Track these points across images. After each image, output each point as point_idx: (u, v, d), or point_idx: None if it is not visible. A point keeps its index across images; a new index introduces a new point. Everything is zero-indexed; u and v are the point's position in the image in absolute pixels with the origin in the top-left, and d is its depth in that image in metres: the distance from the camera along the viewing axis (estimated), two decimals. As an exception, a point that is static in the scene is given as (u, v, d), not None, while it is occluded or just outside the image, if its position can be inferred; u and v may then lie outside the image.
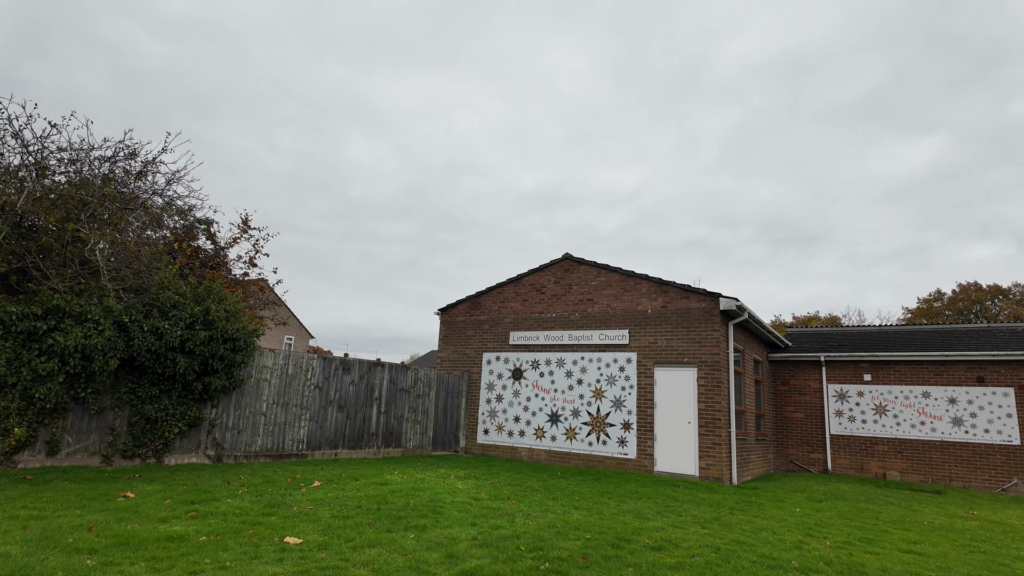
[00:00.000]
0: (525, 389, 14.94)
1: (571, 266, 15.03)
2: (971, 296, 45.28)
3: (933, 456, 14.83)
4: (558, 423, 14.26)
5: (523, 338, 15.23)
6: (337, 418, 12.58)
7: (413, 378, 14.41)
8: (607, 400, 13.70)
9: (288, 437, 11.64)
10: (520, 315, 15.50)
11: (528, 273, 15.64)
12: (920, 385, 15.28)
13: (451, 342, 16.57)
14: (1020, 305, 42.59)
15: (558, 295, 15.02)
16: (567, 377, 14.37)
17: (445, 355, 16.58)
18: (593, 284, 14.53)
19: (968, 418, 14.62)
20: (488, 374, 15.65)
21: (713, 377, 12.56)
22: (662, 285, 13.54)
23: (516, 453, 14.68)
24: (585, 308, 14.51)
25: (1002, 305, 43.44)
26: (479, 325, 16.15)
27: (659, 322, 13.40)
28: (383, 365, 13.70)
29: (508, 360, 15.38)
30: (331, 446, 12.41)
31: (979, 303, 43.74)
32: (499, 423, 15.16)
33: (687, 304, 13.13)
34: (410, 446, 14.14)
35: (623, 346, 13.75)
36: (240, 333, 10.34)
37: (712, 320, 12.79)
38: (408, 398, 14.22)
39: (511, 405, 15.06)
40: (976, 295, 44.89)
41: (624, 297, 14.01)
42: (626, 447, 13.23)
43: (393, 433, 13.78)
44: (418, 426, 14.42)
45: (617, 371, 13.70)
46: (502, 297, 15.94)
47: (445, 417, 15.31)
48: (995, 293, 44.41)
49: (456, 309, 16.74)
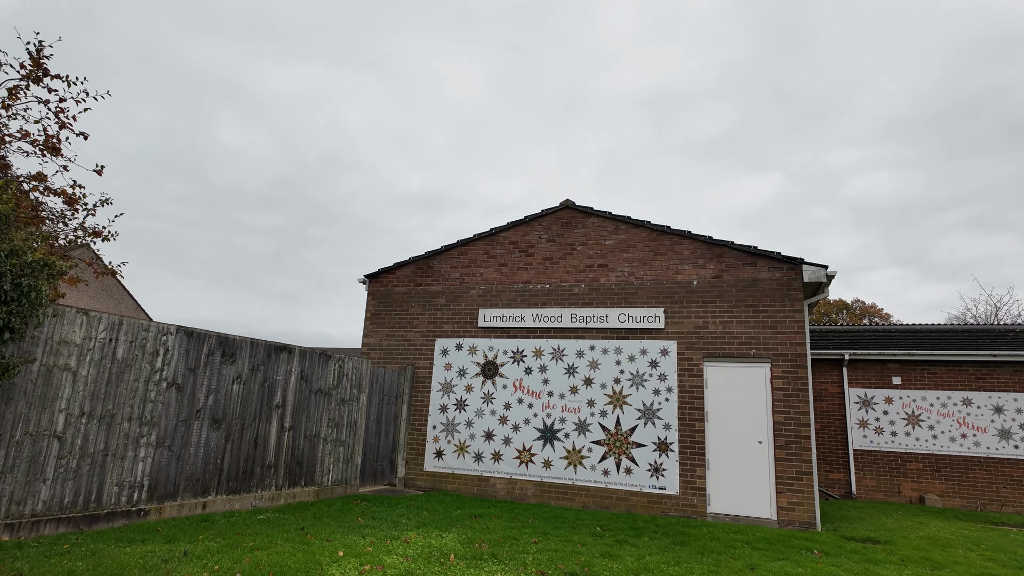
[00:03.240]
0: (502, 392, 10.28)
1: (574, 218, 10.65)
2: (819, 308, 47.51)
3: (978, 476, 12.36)
4: (554, 441, 9.78)
5: (499, 318, 10.57)
6: (209, 440, 7.11)
7: (337, 373, 9.17)
8: (632, 408, 9.48)
9: (111, 479, 6.05)
10: (495, 285, 10.82)
11: (507, 227, 11.01)
12: (960, 390, 12.82)
13: (384, 322, 11.44)
14: (860, 315, 45.21)
15: (554, 258, 10.56)
16: (568, 375, 9.95)
17: (374, 341, 11.41)
18: (608, 244, 10.26)
19: (1018, 430, 12.32)
20: (444, 370, 10.76)
21: (795, 377, 8.83)
22: (714, 246, 9.61)
23: (487, 486, 9.96)
24: (596, 277, 10.19)
25: (846, 319, 45.92)
26: (430, 299, 11.21)
27: (711, 298, 9.45)
28: (290, 351, 8.37)
29: (476, 349, 10.63)
30: (196, 491, 6.92)
31: (827, 315, 46.18)
32: (460, 441, 10.33)
33: (753, 273, 9.31)
34: (328, 481, 8.88)
35: (656, 331, 9.63)
36: (5, 265, 4.74)
37: (791, 296, 9.07)
38: (328, 405, 8.96)
39: (479, 415, 10.32)
40: (825, 307, 47.39)
41: (656, 263, 9.90)
42: (663, 478, 9.08)
43: (303, 463, 8.46)
44: (341, 449, 9.19)
45: (647, 367, 9.53)
46: (466, 260, 11.15)
47: (378, 434, 10.18)
48: (840, 307, 47.29)
49: (394, 275, 11.64)
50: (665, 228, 9.86)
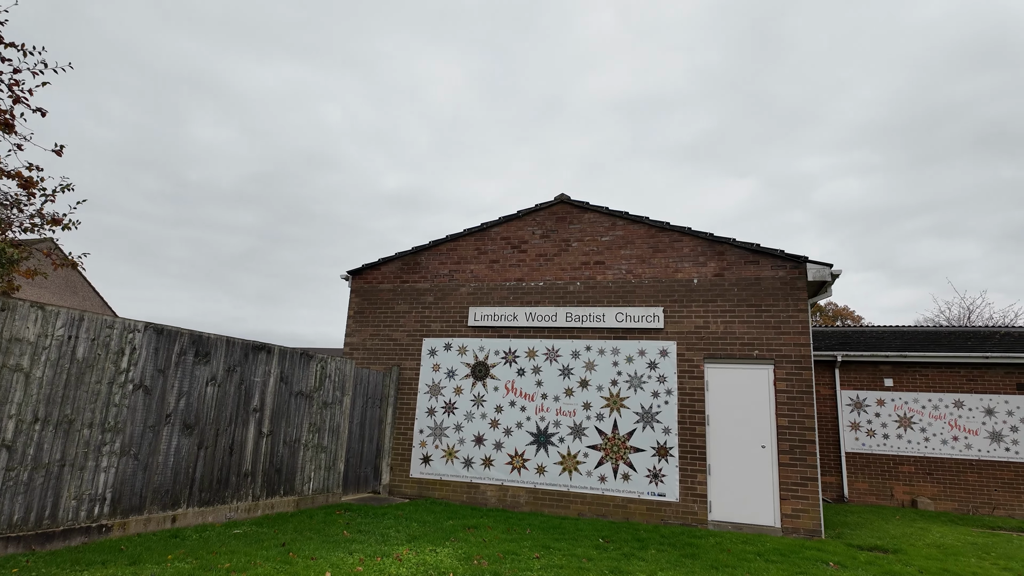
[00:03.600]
0: (493, 395, 9.81)
1: (569, 213, 10.23)
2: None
3: (969, 479, 12.27)
4: (548, 446, 9.34)
5: (491, 317, 10.10)
6: (180, 447, 6.51)
7: (319, 375, 8.61)
8: (629, 412, 9.09)
9: (68, 492, 5.43)
10: (486, 283, 10.35)
11: (499, 221, 10.54)
12: (951, 392, 12.72)
13: (368, 321, 10.88)
14: (833, 318, 45.76)
15: (548, 255, 10.13)
16: (563, 377, 9.52)
17: (357, 341, 10.85)
18: (605, 240, 9.86)
19: (1009, 432, 12.26)
20: (432, 371, 10.25)
21: (798, 380, 8.53)
22: (715, 243, 9.27)
23: (477, 493, 9.48)
24: (592, 275, 9.79)
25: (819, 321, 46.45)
26: (417, 296, 10.69)
27: (712, 297, 9.11)
28: (269, 351, 7.79)
29: (466, 350, 10.14)
30: (165, 504, 6.32)
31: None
32: (449, 446, 9.84)
33: (755, 271, 8.99)
34: (309, 490, 8.31)
35: (655, 331, 9.25)
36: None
37: (794, 295, 8.77)
38: (309, 408, 8.39)
39: (469, 419, 9.83)
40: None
41: (655, 260, 9.53)
42: (662, 484, 8.71)
43: (282, 470, 7.88)
44: (323, 455, 8.63)
45: (645, 368, 9.16)
46: (456, 256, 10.66)
47: (362, 439, 9.64)
48: (815, 310, 47.74)
49: (379, 271, 11.09)
50: (664, 224, 9.50)
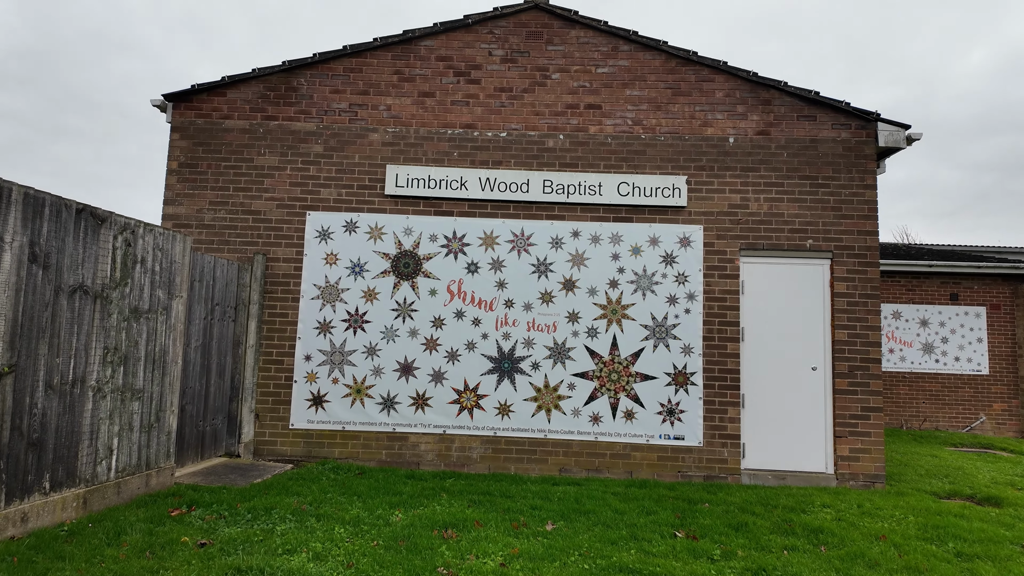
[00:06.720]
0: (429, 301, 6.37)
1: (547, 27, 6.72)
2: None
3: (900, 391, 11.73)
4: (515, 375, 6.27)
5: (423, 182, 6.47)
6: None
7: (122, 257, 4.46)
8: (635, 325, 6.29)
9: None
10: (414, 127, 6.59)
11: (434, 31, 6.69)
12: (891, 303, 11.95)
13: (207, 181, 6.59)
14: None
15: (514, 89, 6.61)
16: (538, 275, 6.37)
17: (188, 212, 6.55)
18: (602, 73, 6.60)
19: (939, 343, 11.82)
20: (324, 264, 6.44)
21: (862, 279, 6.33)
22: (759, 87, 6.50)
23: (404, 448, 6.19)
24: (583, 123, 6.54)
25: None
26: (295, 143, 6.60)
27: (753, 164, 6.44)
28: (2, 194, 3.52)
29: (382, 232, 6.45)
30: None
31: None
32: (357, 379, 6.30)
33: (812, 130, 6.44)
34: (110, 472, 4.36)
35: (674, 211, 6.40)
36: None
37: (859, 166, 6.42)
38: (103, 319, 4.29)
39: (390, 338, 6.33)
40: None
41: (675, 107, 6.53)
42: (679, 423, 6.17)
43: (45, 441, 3.84)
44: (136, 404, 4.64)
45: (659, 263, 6.34)
46: (362, 81, 6.67)
47: (206, 372, 5.70)
48: None
49: (225, 98, 6.69)
50: (690, 54, 6.48)
